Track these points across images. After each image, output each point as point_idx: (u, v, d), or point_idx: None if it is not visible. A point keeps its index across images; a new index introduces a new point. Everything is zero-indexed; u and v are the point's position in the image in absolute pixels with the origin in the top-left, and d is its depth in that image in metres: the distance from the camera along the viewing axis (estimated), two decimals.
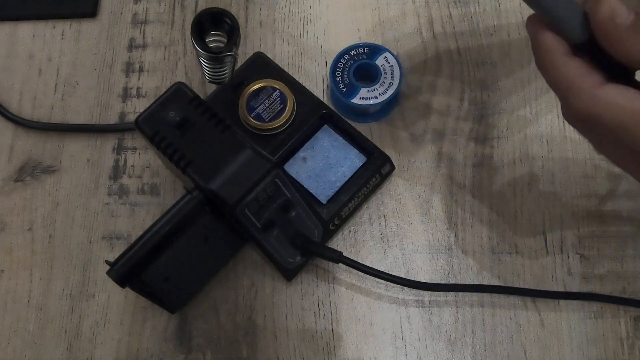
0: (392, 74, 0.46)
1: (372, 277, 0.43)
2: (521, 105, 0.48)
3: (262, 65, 0.48)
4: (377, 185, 0.46)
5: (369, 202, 0.46)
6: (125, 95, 0.50)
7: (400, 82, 0.46)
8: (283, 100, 0.45)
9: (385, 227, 0.45)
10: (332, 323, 0.43)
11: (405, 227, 0.45)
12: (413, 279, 0.43)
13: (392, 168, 0.46)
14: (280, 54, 0.51)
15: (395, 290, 0.43)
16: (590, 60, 0.30)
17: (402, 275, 0.43)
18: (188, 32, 0.49)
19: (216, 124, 0.40)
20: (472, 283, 0.43)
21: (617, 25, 0.29)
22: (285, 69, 0.48)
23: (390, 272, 0.42)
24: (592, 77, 0.30)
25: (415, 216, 0.45)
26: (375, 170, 0.45)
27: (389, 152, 0.46)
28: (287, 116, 0.45)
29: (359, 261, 0.42)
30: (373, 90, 0.46)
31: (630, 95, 0.29)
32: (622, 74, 0.31)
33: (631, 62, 0.29)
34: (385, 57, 0.47)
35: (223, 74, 0.42)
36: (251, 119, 0.45)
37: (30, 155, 0.49)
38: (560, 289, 0.43)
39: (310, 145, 0.46)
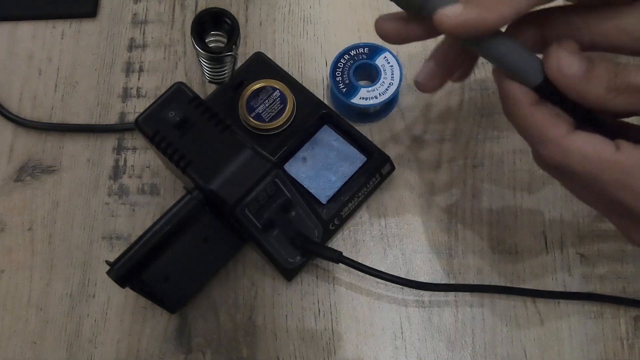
0: (392, 74, 0.46)
1: (372, 277, 0.43)
2: None
3: (262, 65, 0.48)
4: (377, 185, 0.46)
5: (369, 202, 0.46)
6: (125, 95, 0.50)
7: (400, 82, 0.46)
8: (283, 100, 0.45)
9: (385, 227, 0.45)
10: (332, 323, 0.43)
11: (405, 227, 0.45)
12: (413, 279, 0.43)
13: (392, 168, 0.46)
14: (280, 54, 0.51)
15: (395, 290, 0.43)
16: (555, 105, 0.30)
17: (402, 275, 0.43)
18: (188, 32, 0.49)
19: (216, 124, 0.40)
20: (472, 283, 0.43)
21: (568, 76, 0.29)
22: (285, 69, 0.48)
23: (390, 272, 0.42)
24: (558, 126, 0.29)
25: (415, 216, 0.45)
26: (375, 170, 0.45)
27: (389, 152, 0.46)
28: (287, 116, 0.45)
29: (359, 261, 0.42)
30: (373, 90, 0.46)
31: (596, 144, 0.29)
32: (585, 113, 0.31)
33: (591, 105, 0.29)
34: (385, 57, 0.47)
35: (223, 74, 0.42)
36: (251, 119, 0.45)
37: (30, 155, 0.49)
38: (560, 289, 0.43)
39: (310, 145, 0.46)
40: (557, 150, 0.29)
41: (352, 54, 0.47)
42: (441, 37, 0.34)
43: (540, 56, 0.30)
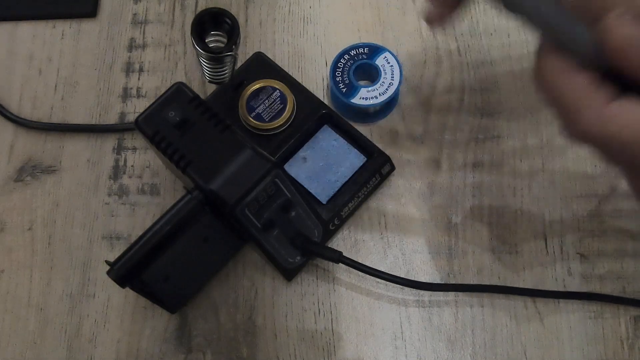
0: (392, 74, 0.46)
1: (372, 277, 0.43)
2: (521, 105, 0.48)
3: (262, 65, 0.48)
4: (377, 185, 0.46)
5: (369, 202, 0.46)
6: (125, 95, 0.50)
7: (400, 82, 0.46)
8: (283, 100, 0.45)
9: (385, 227, 0.45)
10: (332, 323, 0.43)
11: (405, 227, 0.45)
12: (413, 279, 0.43)
13: (392, 168, 0.46)
14: (280, 54, 0.51)
15: (395, 290, 0.43)
16: (599, 74, 0.28)
17: (402, 275, 0.43)
18: (188, 32, 0.49)
19: (216, 124, 0.40)
20: (472, 283, 0.43)
21: (636, 51, 0.26)
22: (285, 69, 0.48)
23: (390, 272, 0.42)
24: (599, 94, 0.27)
25: (415, 216, 0.45)
26: (375, 170, 0.45)
27: (389, 152, 0.46)
28: (287, 116, 0.45)
29: (359, 261, 0.42)
30: (373, 90, 0.46)
31: None
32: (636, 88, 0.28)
33: None
34: (385, 57, 0.47)
35: (223, 74, 0.42)
36: (251, 119, 0.45)
37: (30, 155, 0.49)
38: (560, 289, 0.43)
39: (310, 145, 0.46)
40: (596, 120, 0.27)
41: (352, 54, 0.47)
42: None
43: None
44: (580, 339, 0.42)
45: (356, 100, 0.46)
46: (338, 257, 0.41)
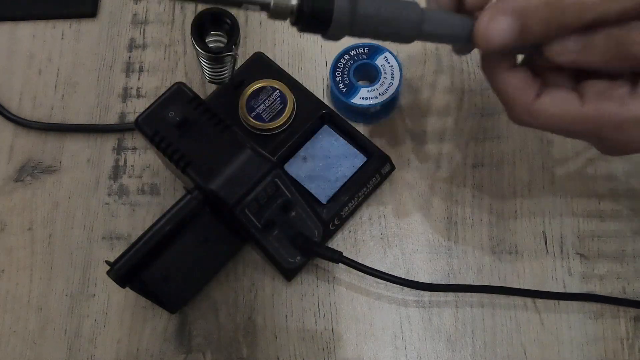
0: (392, 74, 0.46)
1: (372, 277, 0.43)
2: None
3: (262, 65, 0.48)
4: (377, 185, 0.46)
5: (369, 202, 0.46)
6: (125, 95, 0.50)
7: (400, 82, 0.46)
8: (283, 100, 0.45)
9: (385, 227, 0.45)
10: (332, 323, 0.43)
11: (405, 227, 0.45)
12: (413, 279, 0.42)
13: (392, 168, 0.46)
14: (280, 54, 0.51)
15: (395, 290, 0.43)
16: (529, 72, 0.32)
17: (402, 275, 0.43)
18: (188, 32, 0.49)
19: (216, 124, 0.40)
20: (472, 283, 0.43)
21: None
22: (285, 69, 0.48)
23: (390, 272, 0.42)
24: (526, 91, 0.31)
25: (415, 216, 0.45)
26: (375, 170, 0.45)
27: (389, 152, 0.46)
28: (287, 116, 0.45)
29: (359, 261, 0.42)
30: (373, 90, 0.46)
31: (562, 103, 0.31)
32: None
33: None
34: (385, 57, 0.47)
35: (223, 74, 0.42)
36: (251, 119, 0.45)
37: (30, 155, 0.49)
38: (560, 289, 0.43)
39: (310, 145, 0.46)
40: (526, 115, 0.32)
41: (352, 54, 0.47)
42: None
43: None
44: (580, 339, 0.42)
45: (356, 100, 0.46)
46: (338, 257, 0.41)
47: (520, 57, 0.33)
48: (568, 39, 0.29)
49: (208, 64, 0.41)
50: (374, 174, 0.44)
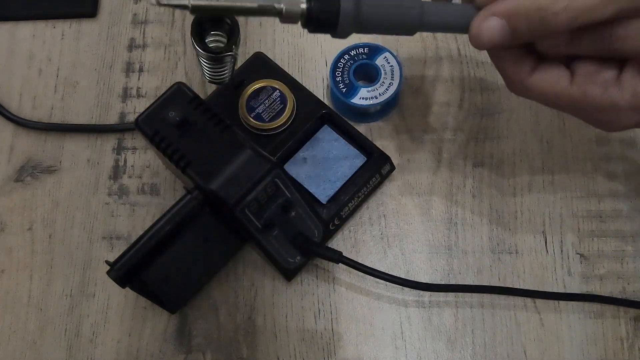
0: (392, 74, 0.46)
1: (372, 277, 0.43)
2: (521, 105, 0.48)
3: (262, 65, 0.47)
4: (377, 185, 0.46)
5: (369, 202, 0.46)
6: (125, 95, 0.50)
7: (400, 82, 0.46)
8: (283, 100, 0.45)
9: (385, 227, 0.45)
10: (332, 323, 0.43)
11: (405, 227, 0.45)
12: (413, 279, 0.42)
13: (392, 168, 0.46)
14: (280, 54, 0.51)
15: (395, 291, 0.43)
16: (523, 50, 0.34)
17: (402, 275, 0.43)
18: (188, 32, 0.49)
19: (216, 124, 0.40)
20: (472, 283, 0.43)
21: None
22: (285, 69, 0.48)
23: (390, 272, 0.42)
24: (521, 68, 0.34)
25: (415, 216, 0.45)
26: (375, 170, 0.45)
27: (389, 152, 0.46)
28: (287, 116, 0.45)
29: (359, 261, 0.42)
30: (373, 90, 0.46)
31: (552, 80, 0.33)
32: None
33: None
34: (385, 57, 0.47)
35: (223, 74, 0.42)
36: (251, 119, 0.45)
37: (30, 155, 0.49)
38: (560, 289, 0.43)
39: (310, 145, 0.46)
40: (521, 89, 0.34)
41: (352, 54, 0.47)
42: None
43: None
44: (580, 339, 0.42)
45: (356, 100, 0.46)
46: (338, 257, 0.41)
47: None
48: (557, 36, 0.32)
49: (208, 64, 0.41)
50: (374, 174, 0.44)
